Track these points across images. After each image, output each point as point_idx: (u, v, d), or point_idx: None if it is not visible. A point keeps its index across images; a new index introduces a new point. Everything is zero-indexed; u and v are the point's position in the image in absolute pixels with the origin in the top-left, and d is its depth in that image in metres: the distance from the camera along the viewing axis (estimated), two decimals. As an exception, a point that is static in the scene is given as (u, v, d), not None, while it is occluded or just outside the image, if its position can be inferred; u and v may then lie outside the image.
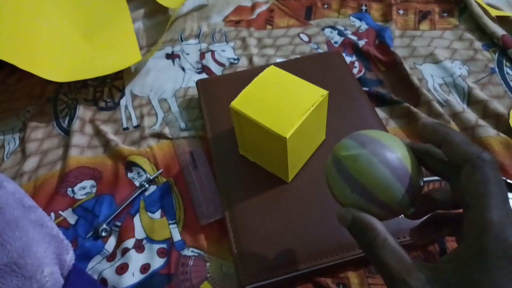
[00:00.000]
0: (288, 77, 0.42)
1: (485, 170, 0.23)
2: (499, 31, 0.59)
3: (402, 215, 0.28)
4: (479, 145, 0.27)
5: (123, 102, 0.58)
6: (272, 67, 0.43)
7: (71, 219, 0.46)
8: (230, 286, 0.40)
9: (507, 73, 0.55)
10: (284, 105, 0.39)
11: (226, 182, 0.45)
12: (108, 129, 0.54)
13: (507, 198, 0.23)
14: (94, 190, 0.48)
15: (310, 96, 0.40)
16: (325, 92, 0.40)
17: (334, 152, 0.29)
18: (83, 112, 0.56)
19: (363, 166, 0.27)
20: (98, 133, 0.54)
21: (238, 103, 0.40)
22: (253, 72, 0.52)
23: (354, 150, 0.27)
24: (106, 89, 0.60)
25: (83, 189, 0.48)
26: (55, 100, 0.59)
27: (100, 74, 0.57)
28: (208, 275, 0.41)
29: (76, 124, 0.54)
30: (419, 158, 0.28)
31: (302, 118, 0.38)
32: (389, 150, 0.27)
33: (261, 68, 0.44)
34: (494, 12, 0.62)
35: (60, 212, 0.46)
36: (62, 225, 0.45)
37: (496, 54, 0.58)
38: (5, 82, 0.63)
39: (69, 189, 0.48)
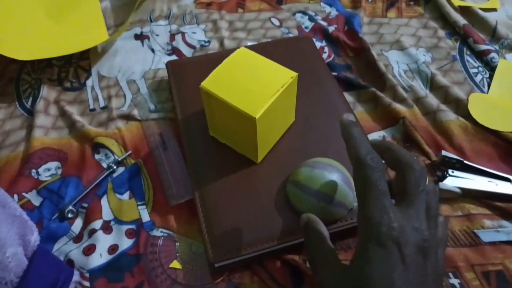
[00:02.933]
0: (258, 58, 0.42)
1: (363, 172, 0.27)
2: (461, 20, 0.61)
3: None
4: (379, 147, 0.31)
5: (89, 82, 0.57)
6: (242, 48, 0.43)
7: (36, 200, 0.45)
8: (200, 265, 0.40)
9: (467, 60, 0.58)
10: (254, 86, 0.40)
11: (196, 163, 0.45)
12: (73, 110, 0.53)
13: (383, 195, 0.26)
14: (59, 171, 0.47)
15: (280, 77, 0.40)
16: (294, 74, 0.40)
17: (293, 178, 0.40)
18: (48, 92, 0.54)
19: (319, 179, 0.38)
20: (63, 114, 0.53)
21: (208, 83, 0.40)
22: (223, 54, 0.52)
23: (309, 172, 0.39)
24: (72, 69, 0.58)
25: (48, 171, 0.47)
26: (17, 80, 0.57)
27: (65, 53, 0.55)
28: (177, 254, 0.41)
29: (40, 105, 0.53)
30: None
31: (271, 98, 0.38)
32: (332, 166, 0.39)
33: (232, 51, 0.44)
34: (456, 2, 0.64)
35: (23, 194, 0.45)
36: (26, 207, 0.44)
37: (458, 43, 0.60)
38: (-38, 60, 0.60)
39: (33, 170, 0.47)
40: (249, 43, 0.60)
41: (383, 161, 0.29)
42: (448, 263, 0.39)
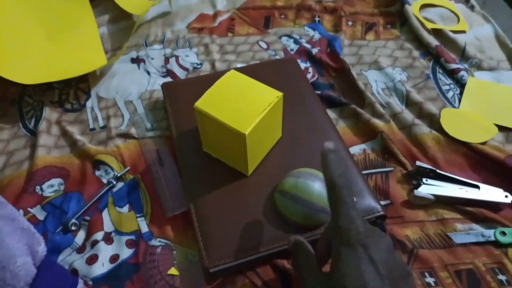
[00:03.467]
0: (247, 80, 0.46)
1: (334, 190, 0.32)
2: (434, 41, 0.66)
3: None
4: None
5: (89, 103, 0.60)
6: (232, 71, 0.48)
7: (40, 215, 0.48)
8: (196, 272, 0.43)
9: (440, 78, 0.63)
10: (243, 105, 0.44)
11: (191, 177, 0.48)
12: (74, 130, 0.56)
13: (352, 208, 0.32)
14: (62, 187, 0.50)
15: (267, 97, 0.44)
16: (280, 94, 0.45)
17: (280, 188, 0.44)
18: (49, 113, 0.58)
19: (304, 187, 0.42)
20: (64, 133, 0.56)
21: (202, 103, 0.44)
22: (215, 76, 0.56)
23: (294, 182, 0.43)
24: (72, 92, 0.62)
25: (51, 187, 0.50)
26: (20, 102, 0.60)
27: (66, 77, 0.59)
28: (174, 262, 0.44)
29: (42, 125, 0.56)
30: None
31: (259, 116, 0.42)
32: (314, 175, 0.43)
33: (223, 73, 0.48)
34: (429, 25, 0.70)
35: (28, 209, 0.48)
36: (31, 221, 0.47)
37: (431, 62, 0.65)
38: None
39: (37, 187, 0.50)
40: (239, 65, 0.65)
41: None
42: (424, 264, 0.43)
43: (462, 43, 0.67)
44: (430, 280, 0.42)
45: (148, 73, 0.65)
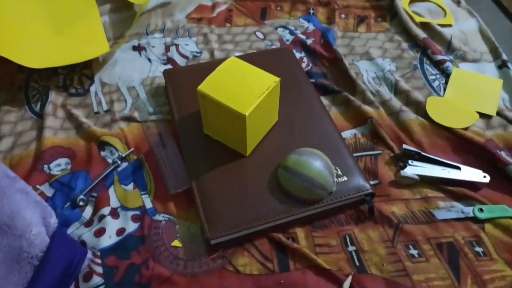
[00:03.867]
0: (246, 66, 0.49)
1: None
2: (421, 34, 0.70)
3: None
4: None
5: (92, 89, 0.63)
6: (233, 58, 0.50)
7: (49, 192, 0.50)
8: (198, 244, 0.46)
9: (427, 69, 0.66)
10: (243, 89, 0.47)
11: (193, 157, 0.51)
12: (79, 113, 0.59)
13: None
14: (69, 167, 0.53)
15: (265, 82, 0.47)
16: (277, 79, 0.48)
17: (283, 164, 0.47)
18: (55, 97, 0.60)
19: (305, 164, 0.46)
20: (70, 116, 0.58)
21: (205, 87, 0.47)
22: (214, 63, 0.59)
23: (297, 158, 0.47)
24: (76, 77, 0.64)
25: (59, 166, 0.53)
26: (26, 88, 0.62)
27: (70, 62, 0.61)
28: (178, 235, 0.47)
29: (49, 108, 0.58)
30: None
31: (258, 99, 0.46)
32: (316, 154, 0.47)
33: (222, 61, 0.51)
34: (417, 19, 0.73)
35: (37, 186, 0.51)
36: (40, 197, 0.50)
37: (419, 54, 0.69)
38: (-28, 69, 0.65)
39: (45, 166, 0.52)
40: (237, 54, 0.67)
41: None
42: (408, 237, 0.47)
43: (448, 36, 0.70)
44: (414, 252, 0.46)
45: (150, 60, 0.67)
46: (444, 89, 0.63)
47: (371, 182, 0.51)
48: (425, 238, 0.47)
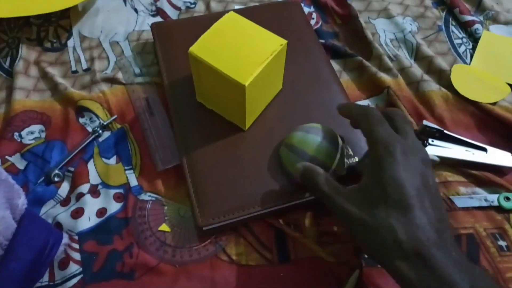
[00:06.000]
0: (247, 24, 0.42)
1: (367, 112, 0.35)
2: (449, -11, 0.61)
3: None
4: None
5: (70, 43, 0.55)
6: (231, 13, 0.43)
7: (20, 164, 0.44)
8: (188, 228, 0.41)
9: (452, 31, 0.58)
10: (243, 52, 0.39)
11: (183, 129, 0.45)
12: (55, 72, 0.51)
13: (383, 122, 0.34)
14: (43, 135, 0.47)
15: (269, 44, 0.40)
16: (284, 42, 0.40)
17: (287, 142, 0.41)
18: (27, 52, 0.53)
19: (313, 144, 0.39)
20: (44, 75, 0.51)
21: (197, 48, 0.40)
22: (211, 17, 0.51)
23: (303, 136, 0.40)
24: (52, 29, 0.56)
25: (31, 134, 0.46)
26: (-8, 38, 0.55)
27: (45, 11, 0.53)
28: (166, 218, 0.42)
29: (19, 65, 0.51)
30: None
31: (261, 66, 0.38)
32: (325, 132, 0.40)
33: (220, 14, 0.43)
34: (445, -30, 0.64)
35: (7, 157, 0.45)
36: (10, 170, 0.44)
37: (444, 12, 0.60)
38: None
39: (16, 133, 0.46)
40: (236, 7, 0.59)
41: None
42: (423, 227, 0.42)
43: (479, -7, 0.62)
44: (429, 243, 0.41)
45: (136, 11, 0.59)
46: (471, 56, 0.55)
47: (385, 163, 0.45)
48: (443, 228, 0.42)
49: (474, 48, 0.56)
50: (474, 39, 0.57)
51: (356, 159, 0.43)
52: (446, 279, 0.27)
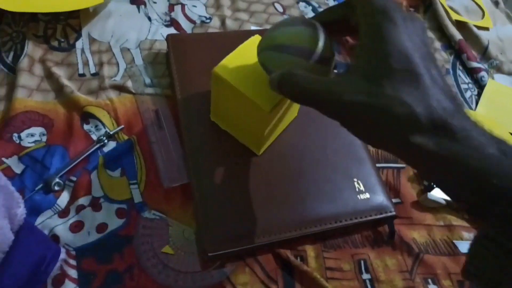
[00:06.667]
0: (273, 49, 0.41)
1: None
2: (457, 35, 0.63)
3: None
4: None
5: (79, 44, 0.53)
6: (257, 36, 0.42)
7: (17, 168, 0.42)
8: (192, 252, 0.40)
9: (459, 75, 0.60)
10: (266, 77, 0.39)
11: (194, 147, 0.43)
12: (61, 73, 0.49)
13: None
14: (44, 138, 0.44)
15: (295, 73, 0.39)
16: (309, 71, 0.40)
17: (268, 43, 0.34)
18: (33, 49, 0.50)
19: (286, 33, 0.33)
20: (49, 75, 0.49)
21: (222, 69, 0.39)
22: (228, 35, 0.51)
23: (295, 31, 0.33)
24: (60, 27, 0.53)
25: (32, 136, 0.44)
26: (-4, 30, 0.52)
27: (56, 10, 0.51)
28: (169, 239, 0.40)
29: (24, 62, 0.48)
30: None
31: (286, 94, 0.38)
32: (293, 19, 0.34)
33: (237, 33, 0.43)
34: (454, 16, 0.66)
35: (3, 159, 0.42)
36: (6, 173, 0.41)
37: (452, 56, 0.62)
38: None
39: (15, 134, 0.43)
40: (252, 27, 0.58)
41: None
42: (428, 270, 0.42)
43: (485, 41, 0.64)
44: (433, 287, 0.41)
45: (149, 19, 0.57)
46: (476, 102, 0.57)
47: (393, 201, 0.45)
48: (446, 273, 0.42)
49: (479, 95, 0.58)
50: (480, 85, 0.59)
51: (367, 195, 0.43)
52: (471, 142, 0.25)
